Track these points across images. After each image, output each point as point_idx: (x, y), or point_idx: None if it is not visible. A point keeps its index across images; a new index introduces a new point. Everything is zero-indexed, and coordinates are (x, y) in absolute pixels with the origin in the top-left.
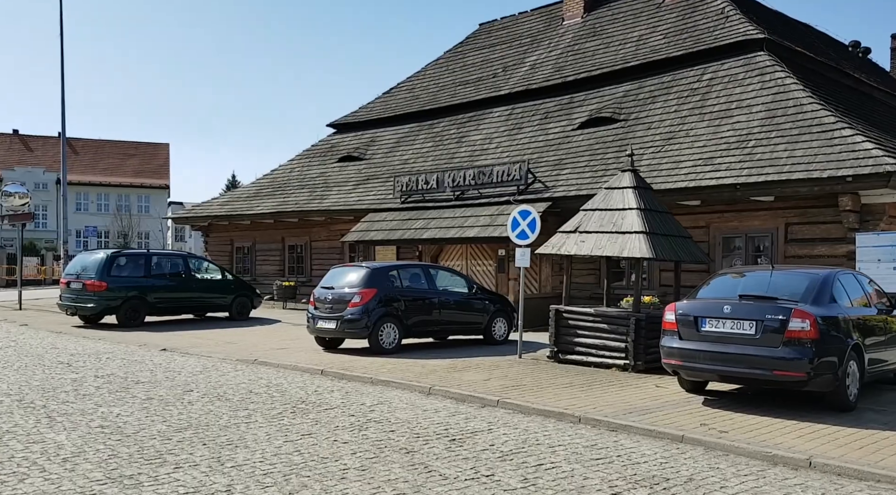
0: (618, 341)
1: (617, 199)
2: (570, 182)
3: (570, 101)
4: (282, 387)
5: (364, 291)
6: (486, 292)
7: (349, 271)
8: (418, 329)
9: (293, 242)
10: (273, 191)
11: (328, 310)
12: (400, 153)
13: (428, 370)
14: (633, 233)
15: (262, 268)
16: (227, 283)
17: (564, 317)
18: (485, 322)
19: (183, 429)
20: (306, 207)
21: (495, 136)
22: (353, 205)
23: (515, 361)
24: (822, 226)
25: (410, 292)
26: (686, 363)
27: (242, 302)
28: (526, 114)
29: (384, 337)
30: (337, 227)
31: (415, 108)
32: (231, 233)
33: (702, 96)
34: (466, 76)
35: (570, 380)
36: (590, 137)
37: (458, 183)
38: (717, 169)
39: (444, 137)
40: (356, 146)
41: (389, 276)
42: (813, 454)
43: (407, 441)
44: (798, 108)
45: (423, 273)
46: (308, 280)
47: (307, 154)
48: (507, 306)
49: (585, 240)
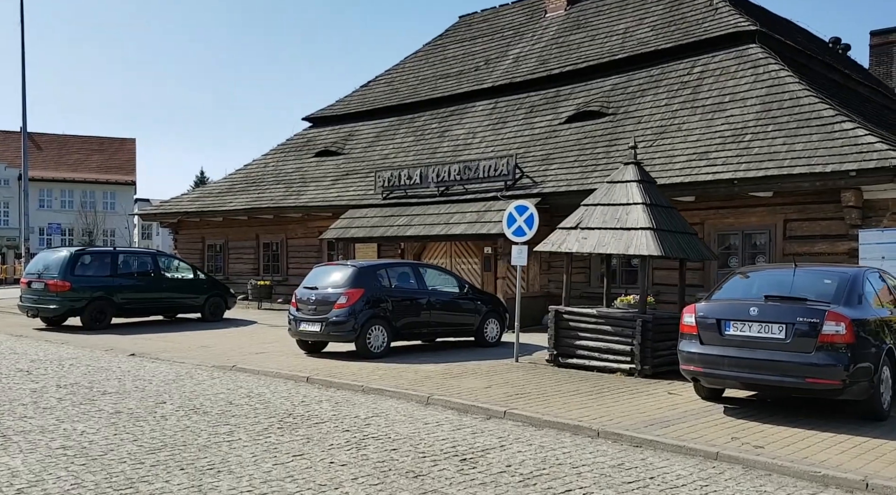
0: (623, 344)
1: (620, 194)
2: (559, 177)
3: (556, 94)
4: (265, 398)
5: (350, 291)
6: (477, 292)
7: (334, 270)
8: (408, 331)
9: (268, 240)
10: (247, 186)
11: (311, 311)
12: (380, 148)
13: (422, 376)
14: (639, 229)
15: (235, 266)
16: (199, 283)
17: (565, 318)
18: (477, 323)
19: (157, 450)
20: (282, 203)
21: (479, 131)
22: (331, 202)
23: (513, 365)
24: (822, 223)
25: (399, 292)
26: (708, 370)
27: (216, 302)
28: (510, 107)
29: (372, 340)
30: (314, 224)
31: (394, 102)
32: (202, 230)
33: (693, 89)
34: (447, 69)
35: (576, 387)
36: (578, 132)
37: (442, 178)
38: (713, 163)
39: (425, 131)
40: (334, 140)
41: (377, 276)
42: (867, 474)
43: (413, 462)
44: (794, 101)
45: (412, 272)
46: (284, 279)
47: (282, 148)
48: (500, 306)
49: (588, 237)
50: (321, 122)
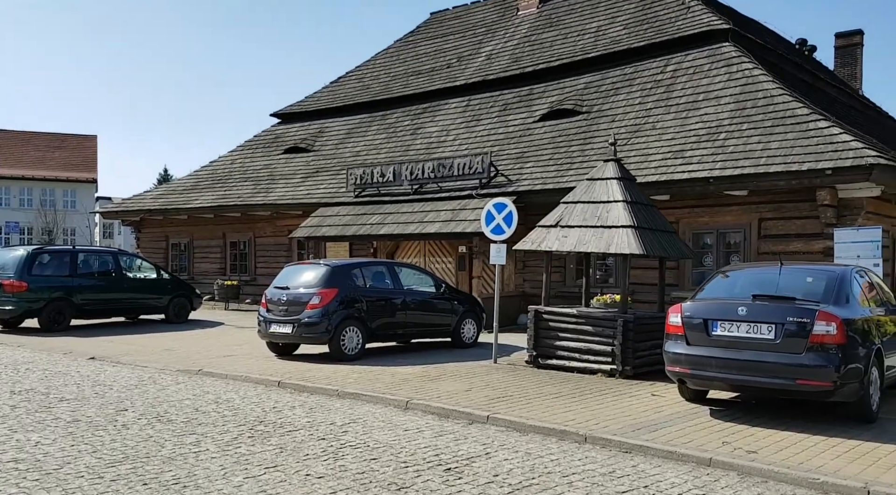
0: (604, 345)
1: (600, 191)
2: (534, 175)
3: (530, 92)
4: (233, 404)
5: (324, 291)
6: (454, 291)
7: (306, 269)
8: (383, 332)
9: (235, 238)
10: (213, 183)
11: (283, 312)
12: (351, 144)
13: (399, 379)
14: (620, 227)
15: (200, 266)
16: (162, 283)
17: (544, 318)
18: (454, 324)
19: (117, 463)
20: (250, 201)
21: (452, 128)
22: (301, 199)
23: (492, 367)
24: (797, 222)
25: (374, 292)
26: (695, 371)
27: (180, 303)
28: (484, 105)
29: (346, 341)
30: (284, 223)
31: (366, 98)
32: (166, 228)
33: (666, 88)
34: (419, 66)
35: (558, 389)
36: (552, 130)
37: (416, 176)
38: (688, 162)
39: (397, 129)
40: (303, 137)
41: (351, 275)
42: (867, 480)
43: (394, 473)
44: (768, 100)
45: (387, 271)
46: (252, 278)
47: (250, 145)
48: (476, 306)
49: (568, 236)
50: (290, 119)
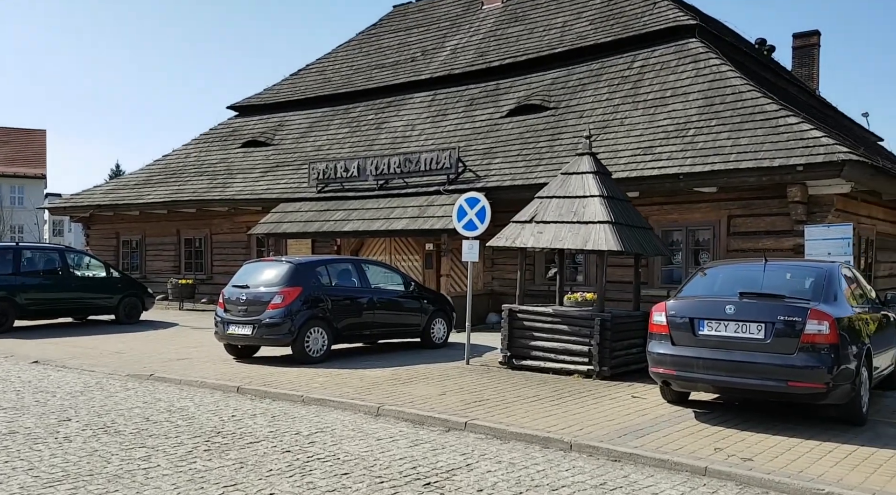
0: (580, 345)
1: (576, 186)
2: (502, 171)
3: (497, 87)
4: (188, 413)
5: (286, 290)
6: (423, 290)
7: (267, 267)
8: (350, 333)
9: (190, 235)
10: (166, 177)
11: (242, 312)
12: (313, 139)
13: (368, 383)
14: (597, 222)
15: (153, 264)
16: (112, 281)
17: (519, 317)
18: (423, 323)
19: (57, 482)
20: (206, 196)
21: (418, 123)
22: (261, 195)
23: (465, 368)
24: (767, 219)
25: (340, 291)
26: (681, 372)
27: (131, 302)
28: (449, 100)
29: (311, 343)
30: (242, 219)
31: (328, 91)
32: (117, 225)
33: (634, 84)
34: (383, 59)
35: (536, 392)
36: (520, 125)
37: (381, 171)
38: (657, 158)
39: (361, 123)
40: (262, 130)
41: (316, 273)
42: (874, 490)
43: (368, 489)
44: (736, 96)
45: (353, 269)
46: (208, 277)
47: (206, 138)
48: (447, 305)
49: (543, 232)
50: (248, 111)
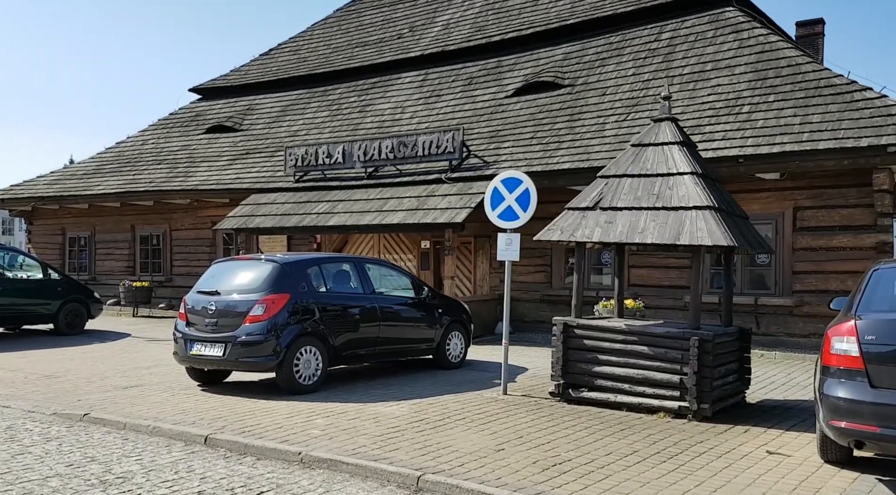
0: (667, 373)
1: (656, 160)
2: (515, 157)
3: (498, 65)
4: (133, 483)
5: (270, 298)
6: (438, 296)
7: (244, 268)
8: (350, 352)
9: (147, 231)
10: (119, 166)
11: (211, 327)
12: (287, 123)
13: (387, 427)
14: (692, 208)
15: (104, 264)
16: (51, 284)
17: (577, 334)
18: (438, 338)
19: None
20: (165, 186)
21: (408, 105)
22: (228, 185)
23: (507, 402)
24: (842, 211)
25: (337, 298)
26: (889, 430)
27: (74, 309)
28: (444, 79)
29: (301, 367)
30: (206, 213)
31: (303, 72)
32: (63, 219)
33: (664, 57)
34: (365, 37)
35: (628, 445)
36: (530, 105)
37: (371, 156)
38: (709, 138)
39: (342, 106)
40: (229, 115)
41: (307, 275)
42: None
43: None
44: (794, 68)
45: (353, 270)
46: (168, 279)
47: (165, 123)
48: (464, 315)
49: (613, 221)
50: (213, 94)
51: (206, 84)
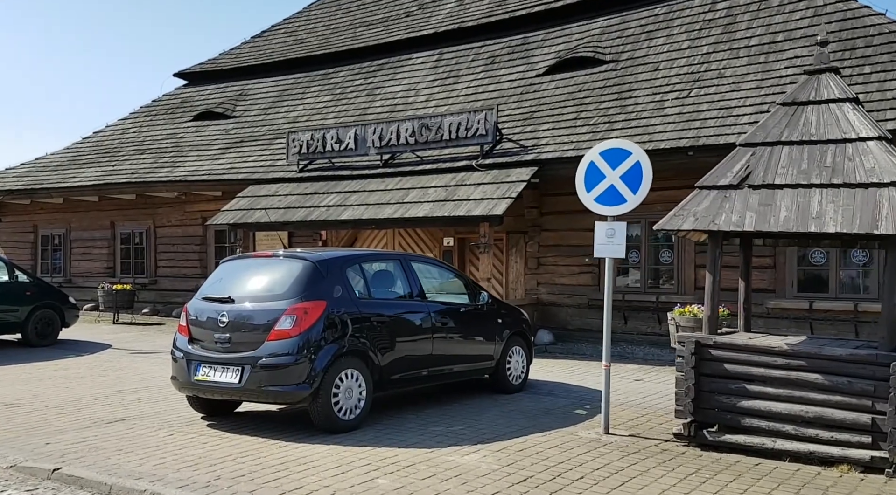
0: (853, 410)
1: (823, 122)
2: (558, 139)
3: (524, 41)
4: None
5: (302, 306)
6: (496, 302)
7: (264, 267)
8: (399, 375)
9: (128, 229)
10: (98, 157)
11: (223, 345)
12: (285, 109)
13: (472, 487)
14: (891, 185)
15: (81, 264)
16: (19, 288)
17: (714, 356)
18: (497, 355)
19: None
20: (149, 178)
21: (423, 87)
22: (222, 175)
23: (615, 446)
24: None
25: (383, 306)
26: None
27: (46, 317)
28: (462, 59)
29: (341, 397)
30: (196, 207)
31: (301, 54)
32: (34, 216)
33: (724, 28)
34: (369, 16)
35: None
36: (568, 84)
37: (388, 141)
38: None
39: (347, 89)
40: (219, 100)
41: (345, 276)
42: None
43: None
44: (886, 37)
45: (399, 269)
46: (152, 281)
47: (148, 110)
48: (524, 325)
49: (773, 203)
50: (200, 79)
51: (192, 68)
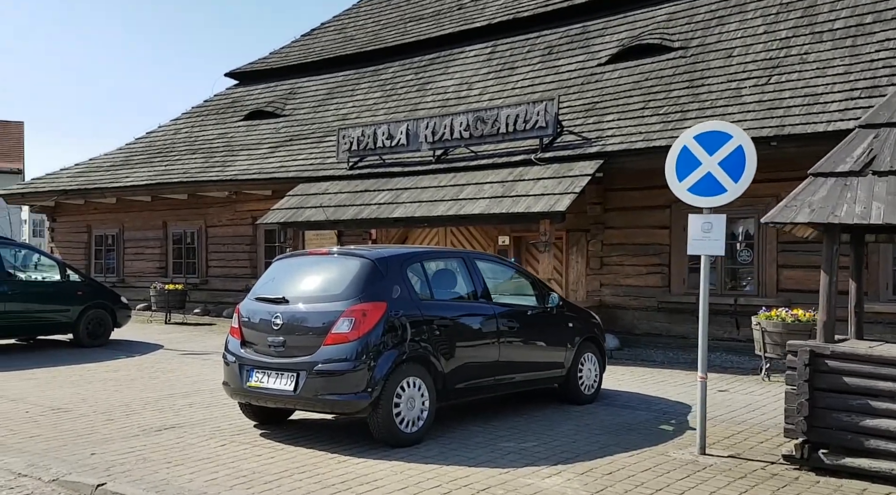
0: None
1: None
2: (625, 130)
3: (584, 30)
4: None
5: (360, 308)
6: (566, 304)
7: (320, 265)
8: (464, 384)
9: (181, 228)
10: (150, 157)
11: (276, 349)
12: (335, 107)
13: None
14: None
15: (134, 264)
16: (70, 288)
17: (832, 368)
18: (568, 362)
19: None
20: (201, 177)
21: (476, 80)
22: (272, 174)
23: (718, 469)
24: None
25: (446, 308)
26: None
27: (97, 317)
28: (517, 50)
29: (403, 408)
30: (246, 207)
31: (350, 51)
32: (88, 216)
33: (803, 11)
34: (420, 10)
35: None
36: (632, 72)
37: (441, 136)
38: None
39: (397, 85)
40: (269, 100)
41: (405, 276)
42: None
43: None
44: None
45: (462, 268)
46: (203, 281)
47: (199, 111)
48: (595, 329)
49: None
50: (251, 79)
51: (243, 68)
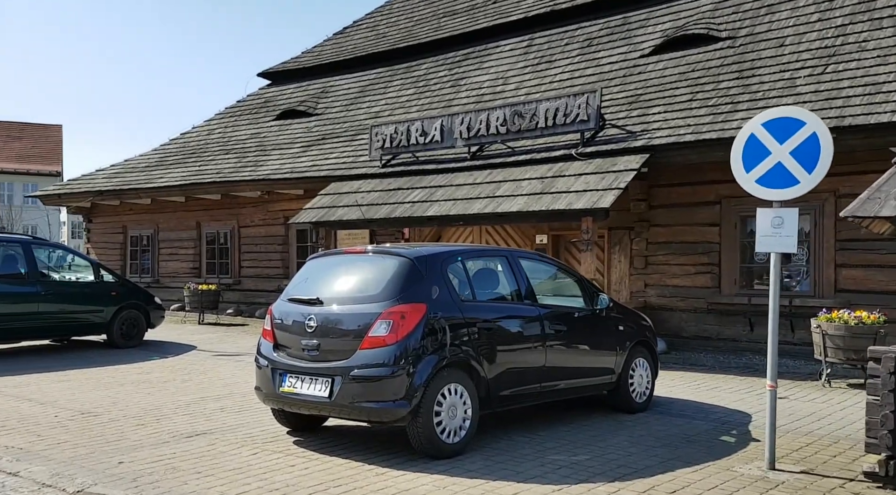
0: None
1: None
2: (672, 123)
3: (625, 21)
4: None
5: (399, 310)
6: (616, 306)
7: (356, 264)
8: (509, 391)
9: (214, 229)
10: (184, 157)
11: (311, 352)
12: (367, 104)
13: None
14: None
15: (168, 265)
16: (104, 288)
17: None
18: (619, 368)
19: None
20: (233, 177)
21: (512, 75)
22: (304, 172)
23: (792, 489)
24: None
25: (489, 310)
26: None
27: (131, 317)
28: (555, 43)
29: (444, 416)
30: (279, 206)
31: (383, 48)
32: (123, 216)
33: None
34: (453, 5)
35: None
36: (678, 63)
37: (477, 132)
38: None
39: (430, 81)
40: (302, 99)
41: (446, 275)
42: None
43: None
44: None
45: (506, 266)
46: (236, 281)
47: (233, 111)
48: (647, 332)
49: None
50: (283, 78)
51: (276, 67)
